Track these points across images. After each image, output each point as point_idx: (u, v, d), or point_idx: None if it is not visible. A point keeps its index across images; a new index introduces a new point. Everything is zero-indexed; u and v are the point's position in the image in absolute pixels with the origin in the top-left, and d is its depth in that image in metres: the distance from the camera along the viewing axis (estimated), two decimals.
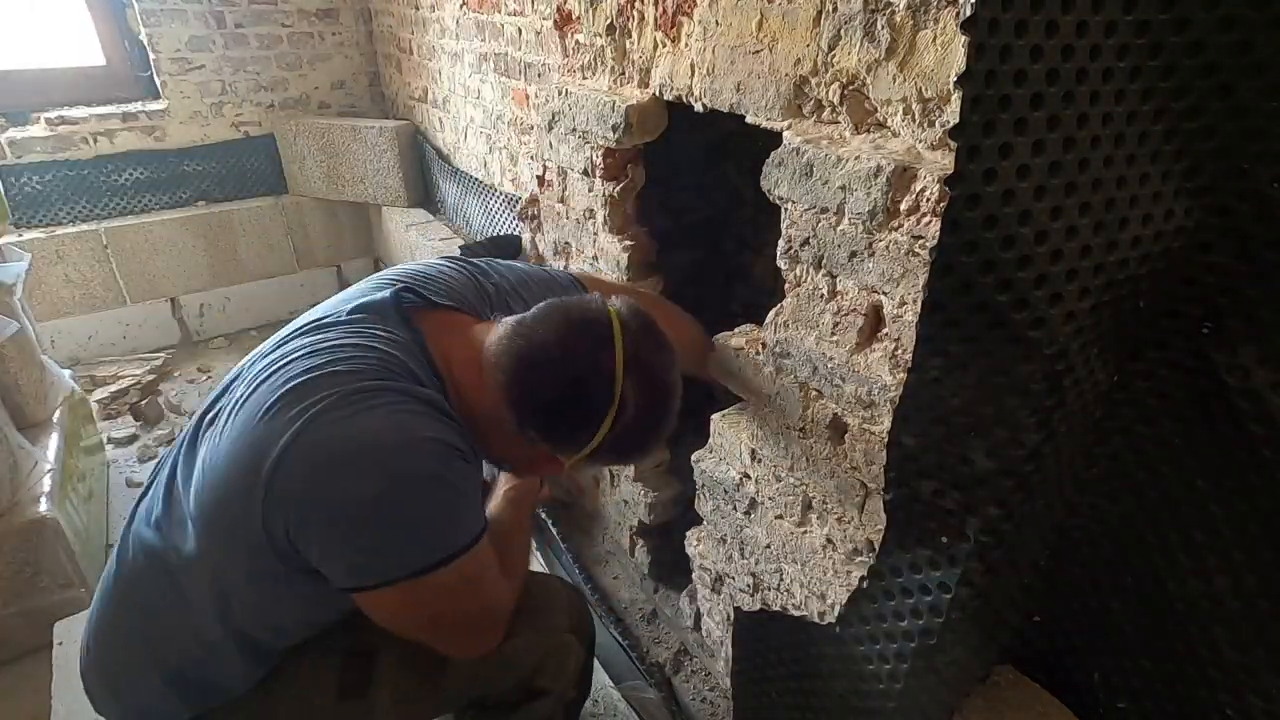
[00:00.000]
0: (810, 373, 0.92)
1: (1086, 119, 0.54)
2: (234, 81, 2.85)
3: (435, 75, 2.46)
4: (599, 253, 1.42)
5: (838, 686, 0.89)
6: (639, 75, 1.20)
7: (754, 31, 0.92)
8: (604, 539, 1.80)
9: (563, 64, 1.43)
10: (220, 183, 2.95)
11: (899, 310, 0.78)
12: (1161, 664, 0.77)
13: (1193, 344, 0.65)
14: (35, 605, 1.55)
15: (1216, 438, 0.66)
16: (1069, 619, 0.85)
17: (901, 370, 0.79)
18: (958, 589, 0.70)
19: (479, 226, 2.35)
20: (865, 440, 0.87)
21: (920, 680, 0.78)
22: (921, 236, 0.73)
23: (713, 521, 1.24)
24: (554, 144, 1.44)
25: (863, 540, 0.92)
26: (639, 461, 0.92)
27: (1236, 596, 0.69)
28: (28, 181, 2.59)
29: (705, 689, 1.40)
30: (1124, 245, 0.60)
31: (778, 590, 1.11)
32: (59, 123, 2.60)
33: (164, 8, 2.64)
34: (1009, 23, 0.49)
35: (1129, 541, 0.76)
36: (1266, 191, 0.57)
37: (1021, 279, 0.56)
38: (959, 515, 0.69)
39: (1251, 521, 0.66)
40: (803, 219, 0.86)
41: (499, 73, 1.95)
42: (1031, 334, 0.59)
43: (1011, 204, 0.54)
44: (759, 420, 1.05)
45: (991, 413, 0.63)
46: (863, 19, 0.76)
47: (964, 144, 0.52)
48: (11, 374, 1.73)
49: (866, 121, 0.82)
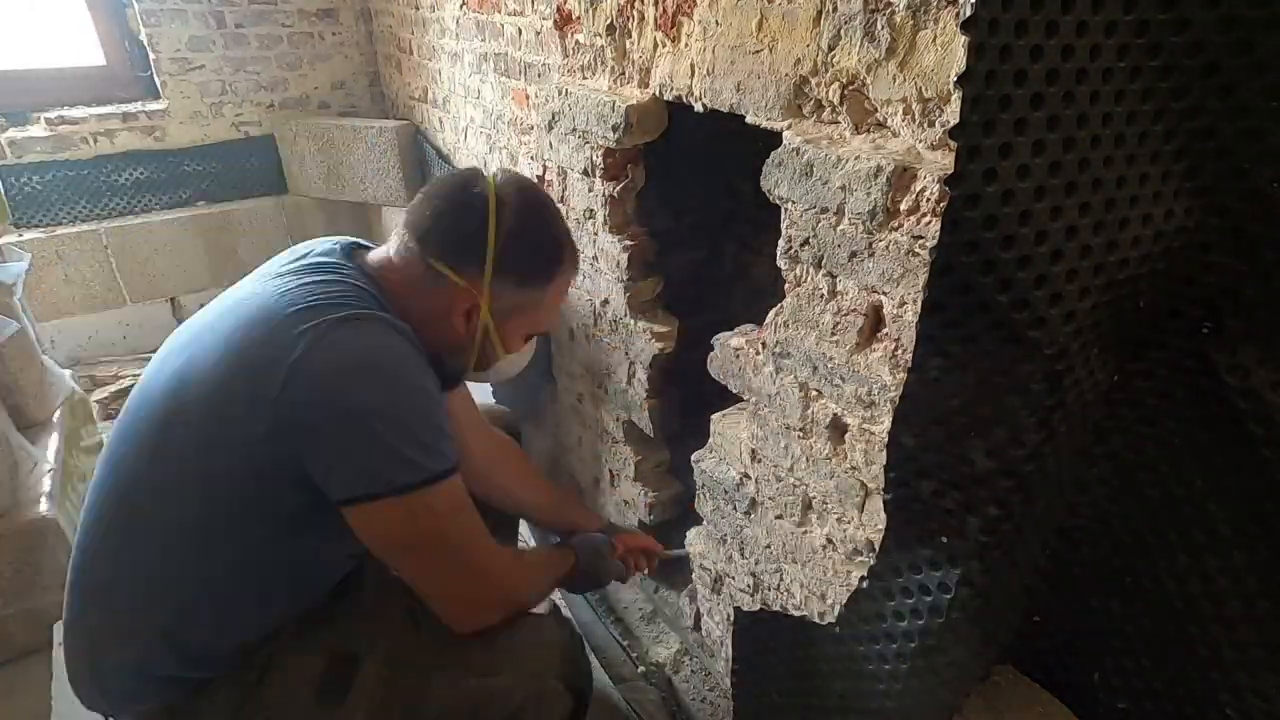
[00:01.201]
0: (810, 373, 0.92)
1: (1086, 119, 0.54)
2: (234, 81, 2.85)
3: (435, 75, 2.46)
4: (599, 253, 1.42)
5: (838, 686, 0.89)
6: (639, 75, 1.20)
7: (754, 31, 0.92)
8: None
9: (563, 64, 1.43)
10: (220, 183, 2.94)
11: (899, 310, 0.78)
12: (1161, 664, 0.77)
13: (1193, 344, 0.65)
14: (35, 605, 1.55)
15: (1216, 438, 0.66)
16: (1069, 619, 0.85)
17: (901, 370, 0.79)
18: (958, 589, 0.70)
19: None
20: (865, 440, 0.87)
21: (920, 680, 0.78)
22: (921, 236, 0.73)
23: (713, 521, 1.24)
24: (554, 144, 1.44)
25: (863, 540, 0.92)
26: (546, 285, 0.95)
27: (1236, 596, 0.69)
28: (28, 181, 2.58)
29: (705, 689, 1.40)
30: (1124, 245, 0.60)
31: (778, 590, 1.11)
32: (59, 123, 2.60)
33: (164, 8, 2.64)
34: (1009, 23, 0.49)
35: (1129, 541, 0.76)
36: (1266, 191, 0.57)
37: (1021, 279, 0.56)
38: (959, 515, 0.69)
39: (1251, 521, 0.66)
40: (803, 219, 0.86)
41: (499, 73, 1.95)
42: (1031, 334, 0.59)
43: (1011, 204, 0.54)
44: (759, 420, 1.05)
45: (991, 413, 0.63)
46: (863, 19, 0.76)
47: (964, 144, 0.52)
48: (11, 374, 1.73)
49: (866, 121, 0.81)
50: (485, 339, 0.97)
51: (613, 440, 1.59)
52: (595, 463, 1.71)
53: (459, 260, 0.90)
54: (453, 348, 0.97)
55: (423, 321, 0.91)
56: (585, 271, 1.49)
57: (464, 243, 0.90)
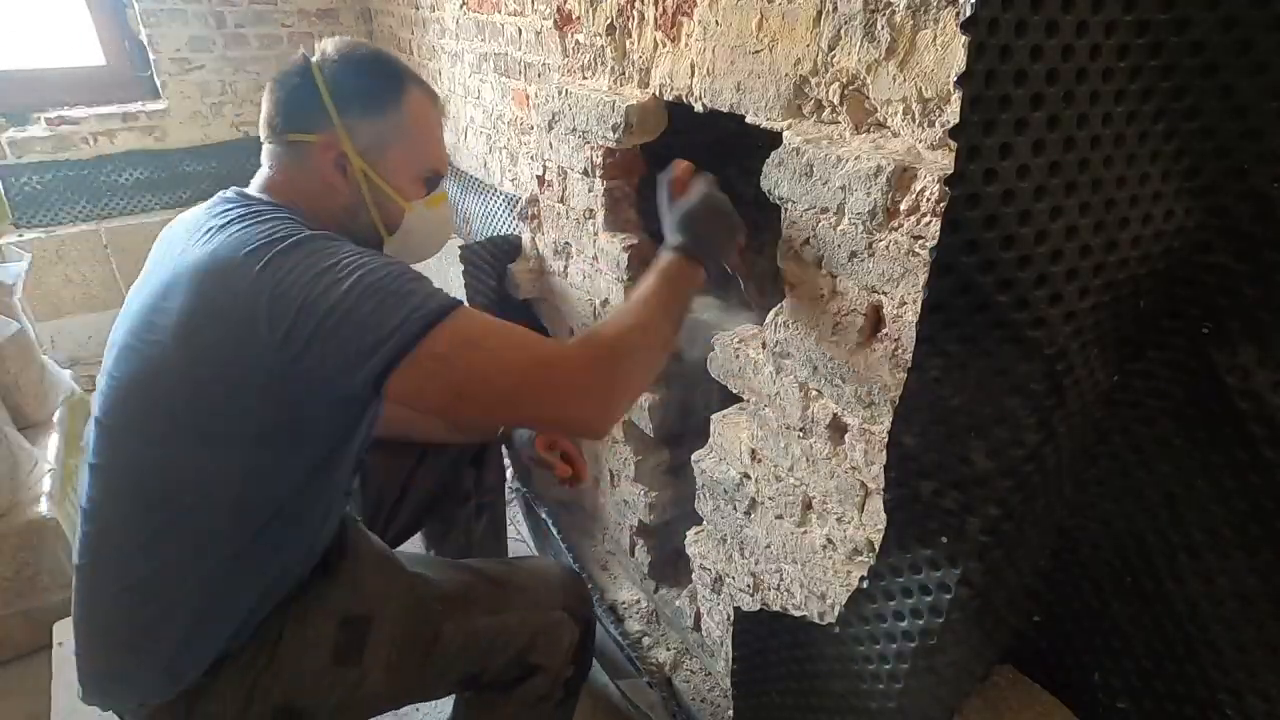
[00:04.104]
0: (810, 373, 0.92)
1: (1086, 119, 0.54)
2: (234, 81, 2.85)
3: (435, 75, 2.46)
4: (599, 253, 1.42)
5: (838, 686, 0.89)
6: (639, 75, 1.20)
7: (754, 31, 0.92)
8: (604, 539, 1.80)
9: (563, 64, 1.43)
10: (220, 183, 2.90)
11: (899, 310, 0.78)
12: (1161, 664, 0.77)
13: (1193, 344, 0.65)
14: (35, 605, 1.56)
15: (1216, 438, 0.66)
16: (1069, 619, 0.85)
17: (901, 370, 0.79)
18: (958, 589, 0.70)
19: (479, 226, 2.35)
20: (865, 440, 0.87)
21: (920, 680, 0.78)
22: (921, 236, 0.73)
23: (713, 521, 1.24)
24: (554, 144, 1.44)
25: (863, 540, 0.92)
26: (399, 105, 0.91)
27: (1236, 596, 0.69)
28: (28, 181, 2.59)
29: (705, 689, 1.40)
30: (1124, 245, 0.60)
31: (778, 590, 1.11)
32: (59, 123, 2.60)
33: (164, 8, 2.64)
34: (1009, 23, 0.49)
35: (1129, 541, 0.76)
36: (1266, 191, 0.57)
37: (1021, 279, 0.56)
38: (959, 515, 0.69)
39: (1251, 521, 0.66)
40: (803, 219, 0.86)
41: (499, 73, 1.95)
42: (1031, 334, 0.59)
43: (1011, 204, 0.54)
44: (759, 420, 1.05)
45: (991, 413, 0.63)
46: (863, 19, 0.76)
47: (964, 144, 0.52)
48: (11, 374, 1.73)
49: (866, 121, 0.82)
50: (374, 189, 0.92)
51: (613, 440, 1.59)
52: (595, 463, 1.71)
53: (305, 120, 0.89)
54: (350, 214, 0.93)
55: (319, 206, 0.90)
56: (585, 271, 1.49)
57: (300, 102, 0.89)
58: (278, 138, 0.91)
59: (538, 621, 1.00)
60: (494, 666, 0.98)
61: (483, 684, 1.00)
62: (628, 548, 1.68)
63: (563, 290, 1.61)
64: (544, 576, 1.06)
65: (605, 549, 1.79)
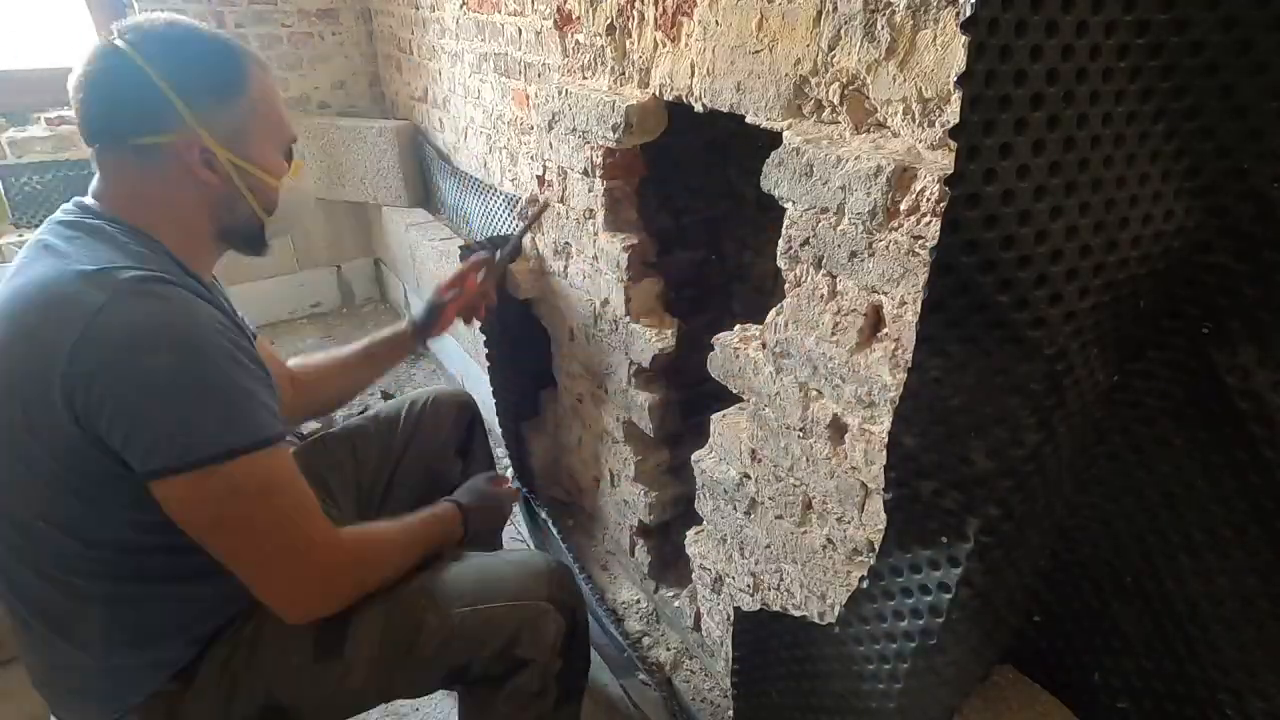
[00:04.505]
0: (810, 373, 0.92)
1: (1086, 119, 0.54)
2: None
3: (435, 75, 2.46)
4: (599, 253, 1.42)
5: (838, 686, 0.89)
6: (639, 75, 1.20)
7: (754, 31, 0.92)
8: (604, 539, 1.80)
9: (563, 64, 1.43)
10: None
11: (899, 310, 0.78)
12: (1161, 664, 0.77)
13: (1193, 344, 0.65)
14: None
15: (1216, 438, 0.66)
16: (1069, 619, 0.85)
17: (901, 370, 0.79)
18: (958, 589, 0.70)
19: (479, 226, 2.35)
20: (865, 440, 0.86)
21: (920, 680, 0.78)
22: (921, 236, 0.73)
23: (713, 521, 1.24)
24: (554, 144, 1.44)
25: (863, 540, 0.92)
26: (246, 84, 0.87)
27: (1236, 596, 0.69)
28: (28, 181, 2.58)
29: (705, 689, 1.40)
30: (1124, 245, 0.60)
31: (778, 590, 1.11)
32: (59, 123, 2.60)
33: (164, 7, 2.64)
34: (1009, 23, 0.49)
35: (1129, 541, 0.76)
36: (1266, 191, 0.57)
37: (1021, 279, 0.56)
38: (959, 515, 0.69)
39: (1251, 521, 0.66)
40: (803, 219, 0.86)
41: (499, 73, 1.95)
42: (1031, 334, 0.59)
43: (1011, 204, 0.54)
44: (759, 420, 1.05)
45: (991, 413, 0.63)
46: (863, 19, 0.76)
47: (964, 144, 0.52)
48: None
49: (866, 121, 0.82)
50: (245, 176, 0.89)
51: (613, 440, 1.59)
52: (595, 463, 1.71)
53: (149, 120, 0.82)
54: (226, 207, 0.90)
55: (180, 210, 0.86)
56: (585, 271, 1.49)
57: (136, 101, 0.82)
58: (117, 144, 0.84)
59: (520, 614, 0.98)
60: (480, 659, 0.97)
61: (471, 678, 0.99)
62: (628, 548, 1.68)
63: (563, 290, 1.61)
64: (528, 567, 1.04)
65: (605, 549, 1.79)
